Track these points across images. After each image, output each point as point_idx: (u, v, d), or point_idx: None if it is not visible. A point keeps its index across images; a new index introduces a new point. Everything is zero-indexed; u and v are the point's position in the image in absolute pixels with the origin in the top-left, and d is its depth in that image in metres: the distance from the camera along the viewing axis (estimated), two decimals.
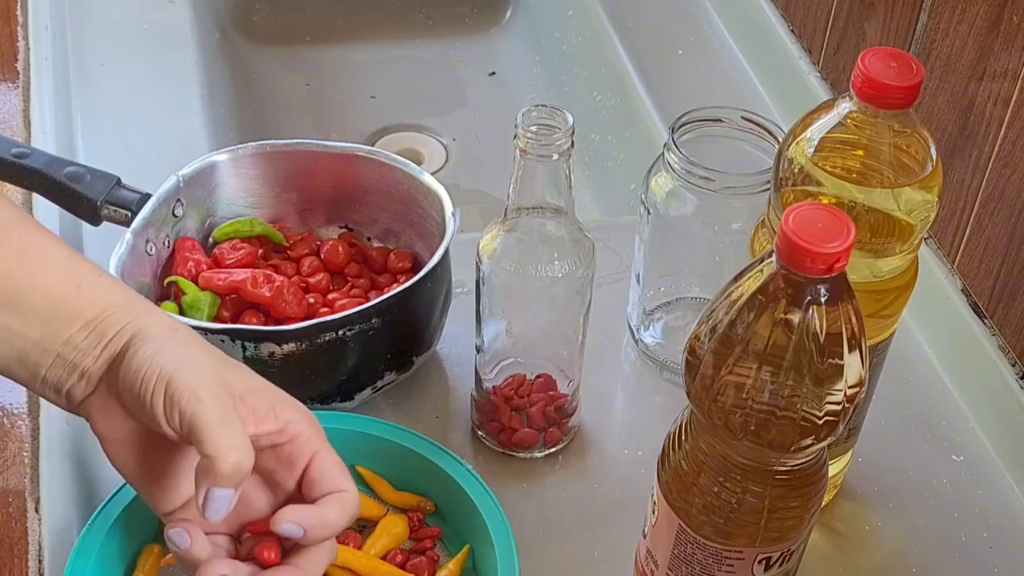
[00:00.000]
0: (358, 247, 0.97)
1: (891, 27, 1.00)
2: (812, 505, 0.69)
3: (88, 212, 0.90)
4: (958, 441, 0.93)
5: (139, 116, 1.14)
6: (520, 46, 1.46)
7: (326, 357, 0.85)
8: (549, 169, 0.76)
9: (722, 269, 0.87)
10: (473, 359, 0.87)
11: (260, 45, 1.44)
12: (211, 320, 0.88)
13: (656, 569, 0.73)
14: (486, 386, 0.87)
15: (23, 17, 1.21)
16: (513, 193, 0.78)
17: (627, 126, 1.24)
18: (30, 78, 1.15)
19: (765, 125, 0.87)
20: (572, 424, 0.90)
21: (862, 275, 0.73)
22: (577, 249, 0.80)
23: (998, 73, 0.88)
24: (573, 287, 0.81)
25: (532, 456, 0.89)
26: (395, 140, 1.37)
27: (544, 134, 0.75)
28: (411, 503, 0.84)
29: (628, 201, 1.19)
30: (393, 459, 0.84)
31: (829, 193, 0.71)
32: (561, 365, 0.87)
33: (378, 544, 0.81)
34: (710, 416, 0.64)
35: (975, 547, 0.86)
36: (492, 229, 0.81)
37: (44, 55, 1.17)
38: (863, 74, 0.69)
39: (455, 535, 0.83)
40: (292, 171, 0.96)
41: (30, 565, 0.81)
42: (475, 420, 0.90)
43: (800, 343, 0.61)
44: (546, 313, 0.83)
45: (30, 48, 1.18)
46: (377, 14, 1.48)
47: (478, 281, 0.82)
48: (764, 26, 1.20)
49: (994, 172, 0.90)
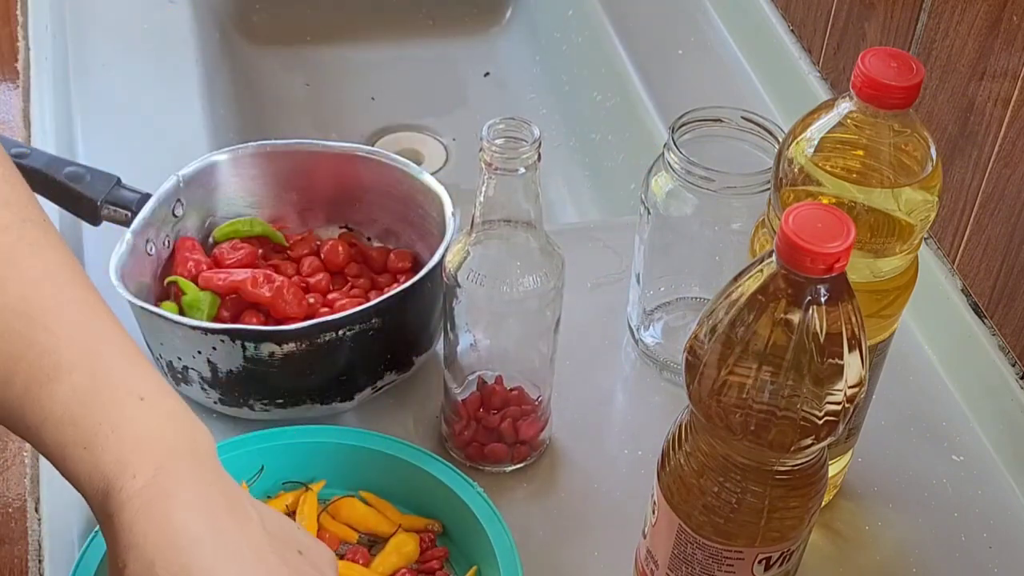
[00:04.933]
0: (358, 247, 0.97)
1: (891, 27, 1.00)
2: (812, 505, 0.69)
3: (88, 212, 0.90)
4: (958, 441, 0.93)
5: (139, 116, 1.14)
6: (520, 46, 1.46)
7: (326, 357, 0.85)
8: (516, 183, 0.75)
9: (722, 269, 0.87)
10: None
11: (260, 45, 1.44)
12: (211, 320, 0.88)
13: (656, 569, 0.73)
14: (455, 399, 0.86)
15: (23, 17, 1.21)
16: (480, 206, 0.77)
17: (627, 126, 1.24)
18: (30, 78, 1.15)
19: (765, 125, 0.87)
20: (543, 438, 0.89)
21: (862, 275, 0.73)
22: (546, 262, 0.79)
23: (998, 73, 0.88)
24: (543, 301, 0.80)
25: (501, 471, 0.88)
26: (395, 140, 1.37)
27: (510, 147, 0.74)
28: (419, 526, 0.83)
29: (628, 201, 1.19)
30: (400, 476, 0.84)
31: (829, 193, 0.71)
32: (532, 378, 0.86)
33: (387, 562, 0.81)
34: (710, 416, 0.64)
35: (975, 547, 0.86)
36: (459, 242, 0.80)
37: (44, 55, 1.17)
38: (863, 74, 0.69)
39: (462, 556, 0.82)
40: (292, 171, 0.96)
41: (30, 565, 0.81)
42: (443, 433, 0.89)
43: (800, 343, 0.61)
44: (515, 327, 0.82)
45: (30, 48, 1.18)
46: (377, 14, 1.48)
47: (445, 295, 0.81)
48: (764, 26, 1.20)
49: (994, 172, 0.90)
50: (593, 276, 1.02)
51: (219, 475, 0.63)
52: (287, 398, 0.87)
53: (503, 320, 0.81)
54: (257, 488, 0.84)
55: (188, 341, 0.84)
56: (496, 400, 0.86)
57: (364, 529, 0.83)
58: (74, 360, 0.61)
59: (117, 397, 0.61)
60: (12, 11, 1.22)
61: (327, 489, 0.84)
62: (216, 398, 0.87)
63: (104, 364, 0.62)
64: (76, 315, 0.62)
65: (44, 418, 0.60)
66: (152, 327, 0.86)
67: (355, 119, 1.38)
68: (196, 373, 0.86)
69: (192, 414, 0.64)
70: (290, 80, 1.42)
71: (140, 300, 0.84)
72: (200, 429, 0.64)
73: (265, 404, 0.87)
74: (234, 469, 0.82)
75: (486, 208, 0.77)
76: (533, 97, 1.40)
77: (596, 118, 1.30)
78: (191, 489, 0.61)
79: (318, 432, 0.85)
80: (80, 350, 0.61)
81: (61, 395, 0.60)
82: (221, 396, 0.87)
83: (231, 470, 0.83)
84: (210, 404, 0.88)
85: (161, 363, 0.88)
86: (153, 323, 0.85)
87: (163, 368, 0.88)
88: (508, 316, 0.81)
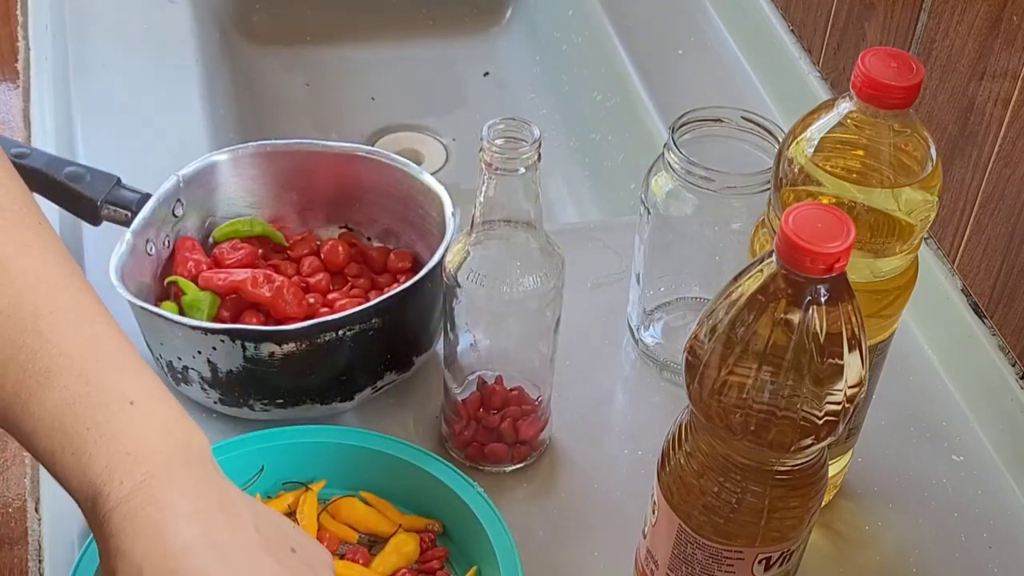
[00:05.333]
0: (358, 247, 0.97)
1: (891, 27, 1.00)
2: (812, 505, 0.69)
3: (88, 212, 0.91)
4: (958, 441, 0.93)
5: (139, 116, 1.14)
6: (520, 46, 1.46)
7: (326, 357, 0.85)
8: (516, 183, 0.75)
9: (722, 269, 0.87)
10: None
11: (260, 45, 1.44)
12: (211, 320, 0.88)
13: (656, 569, 0.73)
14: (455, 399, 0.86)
15: (23, 17, 1.21)
16: (480, 206, 0.77)
17: (627, 126, 1.24)
18: (30, 78, 1.15)
19: (765, 125, 0.87)
20: (543, 438, 0.89)
21: (862, 275, 0.73)
22: (546, 262, 0.79)
23: (998, 73, 0.88)
24: (543, 301, 0.80)
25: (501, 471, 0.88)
26: (395, 140, 1.37)
27: (510, 147, 0.74)
28: (419, 526, 0.83)
29: (628, 201, 1.19)
30: (400, 476, 0.84)
31: (829, 193, 0.71)
32: (532, 378, 0.86)
33: (387, 562, 0.81)
34: (710, 416, 0.64)
35: (975, 547, 0.86)
36: (459, 242, 0.80)
37: (44, 55, 1.17)
38: (863, 74, 0.69)
39: (462, 556, 0.82)
40: (292, 171, 0.96)
41: (30, 565, 0.81)
42: (443, 433, 0.89)
43: (800, 343, 0.61)
44: (515, 327, 0.82)
45: (30, 48, 1.18)
46: (377, 14, 1.48)
47: (445, 295, 0.82)
48: (764, 26, 1.20)
49: (994, 172, 0.90)
50: (593, 276, 1.02)
51: (212, 477, 0.63)
52: (287, 398, 0.87)
53: (503, 320, 0.81)
54: (257, 488, 0.84)
55: (188, 341, 0.84)
56: (496, 400, 0.86)
57: (364, 529, 0.83)
58: (65, 365, 0.61)
59: (107, 403, 0.61)
60: (12, 11, 1.22)
61: (327, 489, 0.84)
62: (216, 398, 0.87)
63: (96, 369, 0.62)
64: (69, 319, 0.62)
65: (35, 424, 0.60)
66: (152, 327, 0.86)
67: (355, 119, 1.38)
68: (196, 373, 0.86)
69: (186, 416, 0.64)
70: (290, 80, 1.42)
71: (140, 300, 0.84)
72: (194, 432, 0.64)
73: (265, 404, 0.87)
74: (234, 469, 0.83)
75: (486, 208, 0.77)
76: (533, 97, 1.40)
77: (596, 118, 1.30)
78: (181, 493, 0.60)
79: (318, 432, 0.85)
80: (72, 355, 0.61)
81: (51, 401, 0.60)
82: (221, 396, 0.87)
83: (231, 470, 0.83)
84: (210, 404, 0.88)
85: (161, 363, 0.88)
86: (153, 323, 0.85)
87: (163, 368, 0.88)
88: (508, 316, 0.81)
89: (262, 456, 0.83)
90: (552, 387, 0.87)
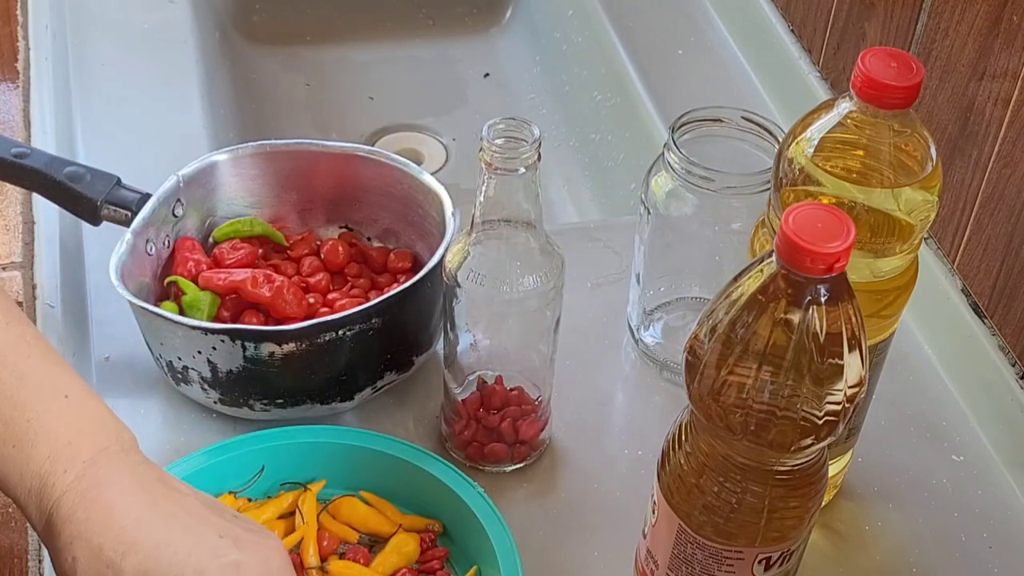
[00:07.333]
0: (358, 247, 0.97)
1: (891, 27, 1.00)
2: (812, 505, 0.69)
3: (88, 212, 0.90)
4: (958, 441, 0.93)
5: (139, 116, 1.14)
6: (520, 46, 1.46)
7: (326, 357, 0.85)
8: (516, 183, 0.75)
9: (722, 269, 0.87)
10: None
11: (260, 45, 1.44)
12: (211, 320, 0.88)
13: (656, 569, 0.74)
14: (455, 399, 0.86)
15: (23, 17, 1.21)
16: (480, 206, 0.77)
17: (627, 126, 1.24)
18: (30, 78, 1.15)
19: (765, 125, 0.87)
20: (543, 438, 0.89)
21: (862, 275, 0.73)
22: (546, 262, 0.79)
23: (998, 73, 0.88)
24: (543, 300, 0.80)
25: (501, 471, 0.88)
26: (395, 140, 1.37)
27: (510, 147, 0.74)
28: (420, 526, 0.83)
29: (628, 201, 1.19)
30: (400, 476, 0.84)
31: (829, 193, 0.71)
32: (532, 378, 0.86)
33: (388, 562, 0.81)
34: (710, 416, 0.64)
35: (975, 547, 0.86)
36: (459, 242, 0.80)
37: (44, 55, 1.17)
38: (863, 74, 0.69)
39: (462, 556, 0.82)
40: (292, 171, 0.96)
41: (30, 565, 0.81)
42: (443, 433, 0.89)
43: (800, 343, 0.61)
44: (515, 327, 0.82)
45: (30, 48, 1.18)
46: (377, 14, 1.48)
47: (445, 295, 0.82)
48: (764, 26, 1.20)
49: (994, 172, 0.90)
50: (593, 276, 1.02)
51: (148, 463, 0.66)
52: (287, 398, 0.87)
53: (503, 320, 0.81)
54: (257, 488, 0.84)
55: (188, 341, 0.84)
56: (496, 400, 0.86)
57: (364, 529, 0.83)
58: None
59: (43, 396, 0.64)
60: (12, 11, 1.22)
61: (327, 489, 0.84)
62: (216, 398, 0.87)
63: (29, 364, 0.64)
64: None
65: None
66: (152, 327, 0.86)
67: (355, 119, 1.38)
68: (196, 373, 0.86)
69: (114, 413, 0.67)
70: (290, 80, 1.42)
71: (140, 300, 0.84)
72: (123, 426, 0.66)
73: (265, 404, 0.87)
74: (234, 469, 0.83)
75: (486, 208, 0.77)
76: (533, 97, 1.40)
77: (596, 118, 1.30)
78: (123, 475, 0.63)
79: (318, 432, 0.85)
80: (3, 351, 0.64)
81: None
82: (221, 396, 0.87)
83: (231, 470, 0.84)
84: (210, 404, 0.88)
85: (161, 363, 0.88)
86: (153, 323, 0.85)
87: (163, 368, 0.88)
88: (508, 316, 0.81)
89: (262, 456, 0.83)
90: (552, 387, 0.87)
